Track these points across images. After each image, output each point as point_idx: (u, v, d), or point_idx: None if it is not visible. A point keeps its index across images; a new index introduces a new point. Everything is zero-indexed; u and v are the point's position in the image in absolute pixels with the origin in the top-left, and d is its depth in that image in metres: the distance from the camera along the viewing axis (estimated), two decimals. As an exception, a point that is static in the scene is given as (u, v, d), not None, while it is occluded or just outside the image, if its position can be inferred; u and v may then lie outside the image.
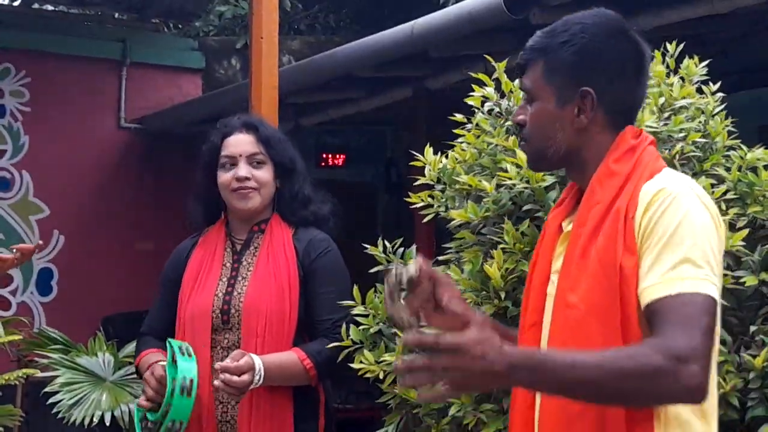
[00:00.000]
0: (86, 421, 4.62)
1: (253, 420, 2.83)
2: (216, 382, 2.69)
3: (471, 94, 2.84)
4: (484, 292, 2.47)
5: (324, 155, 8.70)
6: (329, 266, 2.95)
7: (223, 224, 3.05)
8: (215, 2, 8.54)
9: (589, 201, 1.84)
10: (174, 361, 2.74)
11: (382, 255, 2.88)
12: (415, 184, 2.89)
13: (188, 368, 2.73)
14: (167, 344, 2.83)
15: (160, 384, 2.79)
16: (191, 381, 2.71)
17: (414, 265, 1.80)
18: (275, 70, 4.67)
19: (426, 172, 2.85)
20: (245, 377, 2.69)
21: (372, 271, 2.90)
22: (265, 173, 2.97)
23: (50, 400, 4.71)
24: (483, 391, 1.67)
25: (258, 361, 2.73)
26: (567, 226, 1.91)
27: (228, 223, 3.05)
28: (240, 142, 2.98)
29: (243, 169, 2.95)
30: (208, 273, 2.97)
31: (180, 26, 8.62)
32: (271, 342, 2.84)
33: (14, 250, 2.76)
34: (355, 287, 2.84)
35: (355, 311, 2.82)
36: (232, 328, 2.88)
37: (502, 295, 2.44)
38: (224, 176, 2.97)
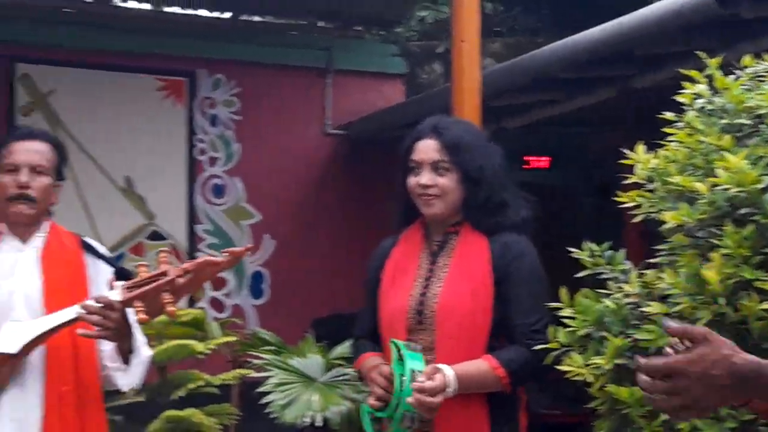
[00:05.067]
0: (298, 421, 4.72)
1: (447, 423, 2.84)
2: (410, 399, 2.71)
3: (681, 91, 2.76)
4: (700, 297, 2.39)
5: (528, 158, 8.63)
6: (524, 270, 2.91)
7: (422, 225, 3.06)
8: (417, 8, 8.61)
9: None
10: (400, 359, 2.78)
11: (589, 259, 2.84)
12: (625, 182, 2.83)
13: (416, 363, 2.78)
14: (392, 344, 2.87)
15: (389, 381, 2.83)
16: (420, 373, 2.75)
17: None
18: (477, 74, 4.67)
19: (636, 170, 2.79)
20: (438, 398, 2.70)
21: (579, 275, 2.86)
22: (449, 181, 2.95)
23: (263, 400, 4.83)
24: (720, 405, 1.62)
25: (450, 373, 2.74)
26: None
27: (426, 224, 3.07)
28: (426, 148, 2.97)
29: (425, 177, 2.95)
30: (404, 273, 2.99)
31: (382, 32, 8.74)
32: (465, 344, 2.85)
33: (225, 254, 2.85)
34: (563, 289, 2.81)
35: (562, 313, 2.79)
36: (427, 329, 2.89)
37: (721, 301, 2.36)
38: (411, 181, 2.99)
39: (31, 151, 3.04)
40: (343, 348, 5.05)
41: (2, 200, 3.01)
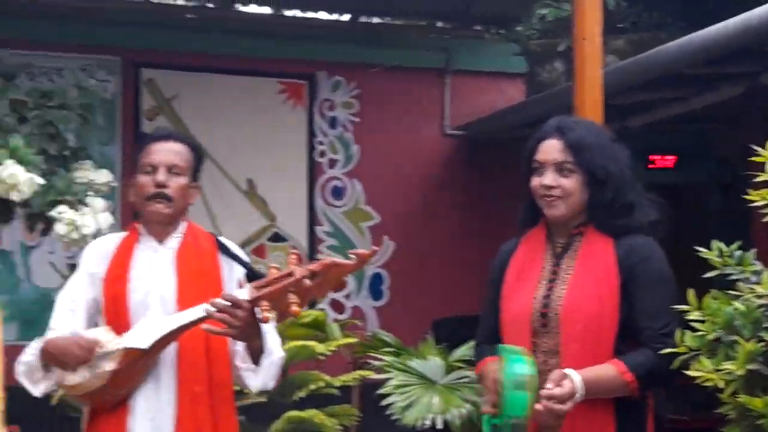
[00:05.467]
0: (418, 424, 4.71)
1: (573, 428, 2.77)
2: (538, 407, 2.66)
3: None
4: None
5: (653, 157, 8.45)
6: (651, 272, 2.83)
7: (545, 227, 3.01)
8: (537, 5, 8.52)
9: None
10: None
11: (717, 258, 2.75)
12: (755, 180, 2.73)
13: (520, 366, 2.72)
14: (499, 349, 2.83)
15: (498, 387, 2.80)
16: (526, 377, 2.70)
17: None
18: (599, 72, 4.59)
19: (767, 168, 2.68)
20: (567, 405, 2.65)
21: (707, 275, 2.77)
22: (572, 182, 2.88)
23: (384, 402, 4.84)
24: None
25: (577, 378, 2.68)
26: None
27: (549, 225, 3.01)
28: (549, 149, 2.91)
29: (548, 177, 2.89)
30: (527, 275, 2.94)
31: (502, 31, 8.66)
32: (590, 347, 2.78)
33: (351, 256, 2.85)
34: (691, 291, 2.72)
35: (690, 316, 2.70)
36: (551, 332, 2.84)
37: None
38: (534, 181, 2.94)
39: (168, 152, 3.10)
40: (464, 350, 5.02)
41: (141, 200, 3.08)
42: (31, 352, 3.00)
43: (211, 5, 7.75)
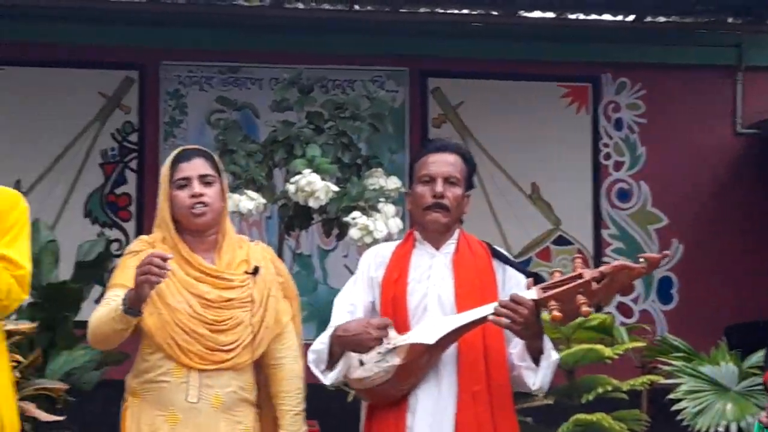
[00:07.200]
0: (711, 430, 4.62)
1: None
2: None
3: None
4: None
5: None
6: None
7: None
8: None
9: None
10: None
11: None
12: None
13: None
14: None
15: None
16: None
17: None
18: None
19: None
20: None
21: None
22: None
23: (674, 407, 4.77)
24: None
25: None
26: None
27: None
28: None
29: None
30: None
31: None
32: None
33: (641, 260, 2.84)
34: None
35: None
36: None
37: None
38: None
39: (444, 163, 3.21)
40: (759, 356, 4.87)
41: (419, 209, 3.22)
42: (321, 341, 3.15)
43: (495, 12, 7.86)
